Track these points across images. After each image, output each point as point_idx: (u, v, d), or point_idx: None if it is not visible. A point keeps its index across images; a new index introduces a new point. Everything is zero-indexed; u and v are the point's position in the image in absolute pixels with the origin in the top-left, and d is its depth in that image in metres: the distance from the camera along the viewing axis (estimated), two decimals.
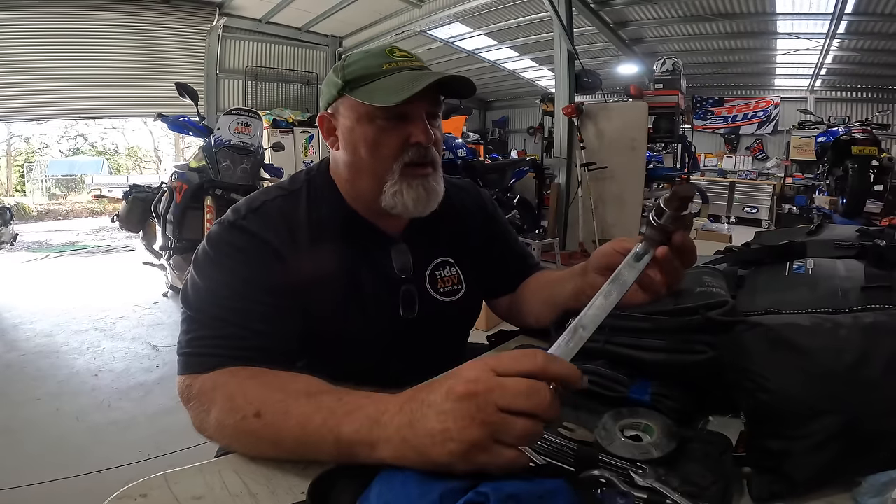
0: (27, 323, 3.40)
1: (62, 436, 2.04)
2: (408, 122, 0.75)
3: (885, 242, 0.75)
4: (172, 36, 6.73)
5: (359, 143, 0.76)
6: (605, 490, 0.47)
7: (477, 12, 6.59)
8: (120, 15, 6.25)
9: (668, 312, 0.68)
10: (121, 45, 6.37)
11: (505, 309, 1.02)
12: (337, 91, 0.77)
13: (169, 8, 6.52)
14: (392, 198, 0.77)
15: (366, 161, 0.77)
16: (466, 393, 0.43)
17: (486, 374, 0.43)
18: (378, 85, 0.73)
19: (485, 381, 0.43)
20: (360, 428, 0.48)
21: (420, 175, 0.77)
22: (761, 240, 0.99)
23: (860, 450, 0.48)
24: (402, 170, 0.76)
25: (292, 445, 0.53)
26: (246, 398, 0.57)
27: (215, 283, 0.71)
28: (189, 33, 6.84)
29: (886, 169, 5.44)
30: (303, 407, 0.53)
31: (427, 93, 0.72)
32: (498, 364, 0.44)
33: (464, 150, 4.85)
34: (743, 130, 9.44)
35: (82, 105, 6.63)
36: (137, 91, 6.69)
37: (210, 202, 3.19)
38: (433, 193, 0.79)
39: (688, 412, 0.62)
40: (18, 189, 13.82)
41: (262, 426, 0.54)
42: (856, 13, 5.46)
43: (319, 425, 0.51)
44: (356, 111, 0.76)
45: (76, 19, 6.05)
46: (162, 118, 3.79)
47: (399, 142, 0.75)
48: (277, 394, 0.57)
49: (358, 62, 0.76)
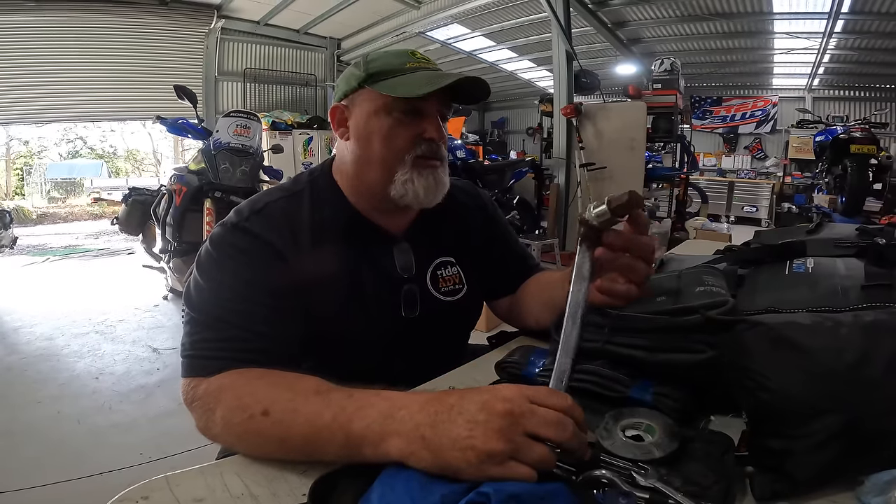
0: (27, 326, 3.40)
1: (63, 439, 2.04)
2: (422, 118, 0.78)
3: (885, 241, 0.75)
4: (171, 38, 6.73)
5: (373, 134, 0.78)
6: (606, 490, 0.47)
7: (475, 13, 6.60)
8: (118, 18, 6.26)
9: (669, 312, 0.68)
10: (119, 47, 6.38)
11: (505, 310, 1.02)
12: (357, 83, 0.79)
13: (167, 10, 6.53)
14: (403, 186, 0.79)
15: (377, 152, 0.79)
16: (504, 411, 0.45)
17: (522, 399, 0.47)
18: (401, 80, 0.76)
19: (520, 404, 0.46)
20: (371, 423, 0.49)
21: (430, 166, 0.80)
22: (761, 239, 0.99)
23: (862, 449, 0.48)
24: (413, 161, 0.79)
25: (300, 443, 0.53)
26: (254, 397, 0.58)
27: (218, 284, 0.71)
28: (187, 36, 6.85)
29: (885, 167, 5.44)
30: (312, 405, 0.54)
31: (443, 93, 0.76)
32: (535, 394, 0.48)
33: (463, 151, 4.85)
34: (741, 130, 9.45)
35: (81, 108, 6.63)
36: (136, 94, 6.70)
37: (209, 205, 3.19)
38: (441, 184, 0.82)
39: (689, 412, 0.61)
40: (18, 192, 13.81)
41: (270, 424, 0.55)
42: (852, 12, 5.47)
43: (329, 422, 0.51)
44: (375, 103, 0.78)
45: (75, 22, 6.05)
46: (161, 121, 3.79)
47: (412, 136, 0.78)
48: (286, 392, 0.57)
49: (381, 59, 0.79)
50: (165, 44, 6.70)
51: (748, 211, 8.28)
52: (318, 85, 8.38)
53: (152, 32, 6.54)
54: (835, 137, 5.30)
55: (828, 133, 5.60)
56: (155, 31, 6.56)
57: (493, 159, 7.33)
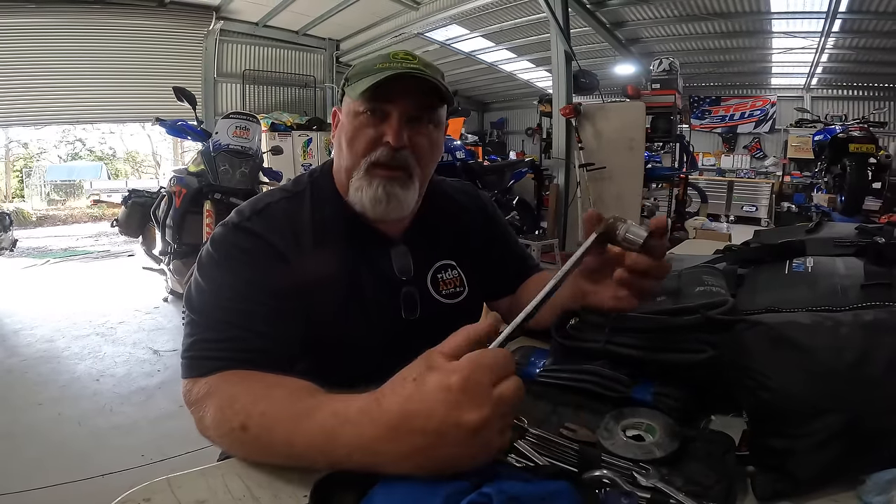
0: (28, 328, 3.40)
1: (64, 441, 2.04)
2: (386, 121, 0.75)
3: (885, 240, 0.75)
4: (170, 40, 6.73)
5: (342, 136, 0.79)
6: (608, 490, 0.47)
7: (474, 14, 6.61)
8: (117, 19, 6.25)
9: (669, 312, 0.68)
10: (118, 49, 6.38)
11: (505, 311, 1.01)
12: (341, 87, 0.81)
13: (166, 12, 6.53)
14: (355, 193, 0.78)
15: (344, 154, 0.79)
16: (462, 382, 0.43)
17: (462, 362, 0.44)
18: (363, 80, 0.74)
19: (465, 365, 0.44)
20: (351, 453, 0.46)
21: (382, 176, 0.76)
22: (761, 238, 0.99)
23: (863, 448, 0.48)
24: (367, 167, 0.76)
25: (283, 459, 0.52)
26: (233, 409, 0.56)
27: (218, 285, 0.71)
28: (186, 37, 6.84)
29: (884, 166, 5.45)
30: (286, 423, 0.51)
31: (411, 94, 0.74)
32: (447, 348, 0.46)
33: (462, 152, 4.85)
34: (740, 129, 9.46)
35: (80, 110, 6.63)
36: (135, 95, 6.69)
37: (209, 206, 3.18)
38: (394, 198, 0.77)
39: (690, 411, 0.61)
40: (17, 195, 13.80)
41: (251, 439, 0.54)
42: (850, 11, 5.48)
43: (307, 446, 0.49)
44: (348, 107, 0.79)
45: (73, 24, 6.05)
46: (160, 122, 3.78)
47: (371, 139, 0.76)
48: (261, 404, 0.55)
49: (364, 62, 0.79)
50: (164, 45, 6.70)
51: (747, 210, 8.28)
52: (318, 86, 8.38)
53: (151, 34, 6.54)
54: (833, 137, 5.30)
55: (826, 132, 5.60)
56: (154, 33, 6.55)
57: (493, 160, 7.33)
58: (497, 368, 0.44)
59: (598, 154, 4.94)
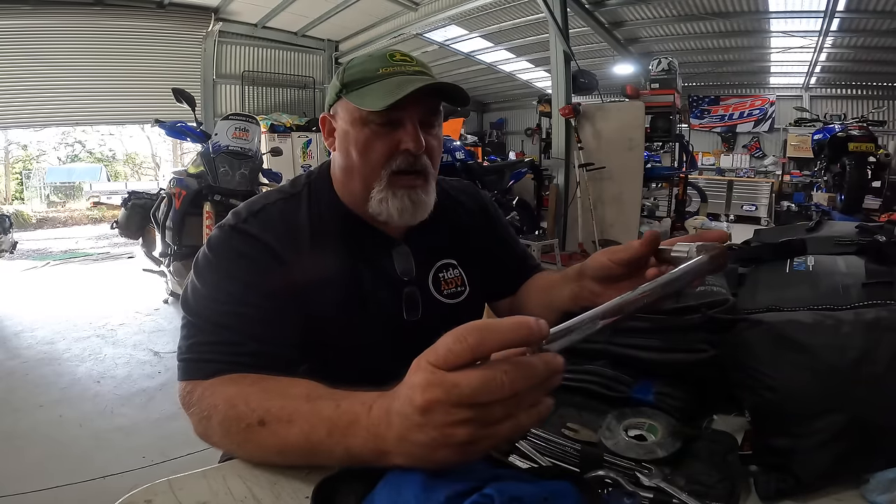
0: (28, 331, 3.40)
1: (65, 442, 2.04)
2: (400, 128, 0.74)
3: (885, 238, 0.75)
4: (169, 42, 6.74)
5: (351, 146, 0.77)
6: (610, 490, 0.47)
7: (473, 14, 6.61)
8: (116, 21, 6.26)
9: (670, 311, 0.68)
10: (117, 51, 6.38)
11: (506, 311, 1.01)
12: (335, 93, 0.78)
13: (165, 13, 6.53)
14: (378, 204, 0.77)
15: (357, 164, 0.77)
16: (426, 404, 0.40)
17: (436, 377, 0.39)
18: (371, 89, 0.73)
19: (437, 384, 0.39)
20: (364, 442, 0.47)
21: (406, 185, 0.76)
22: (761, 237, 0.99)
23: (866, 446, 0.48)
24: (389, 177, 0.76)
25: (298, 455, 0.52)
26: (248, 405, 0.56)
27: (215, 287, 0.70)
28: (185, 39, 6.85)
29: (883, 165, 5.45)
30: (305, 415, 0.52)
31: (421, 99, 0.72)
32: (437, 358, 0.40)
33: (462, 153, 4.85)
34: (739, 129, 9.46)
35: (79, 112, 6.64)
36: (134, 97, 6.71)
37: (209, 208, 3.19)
38: (419, 205, 0.78)
39: (691, 411, 0.61)
40: (17, 197, 13.80)
41: (267, 434, 0.54)
42: (847, 10, 5.48)
43: (324, 437, 0.50)
44: (351, 114, 0.76)
45: (72, 25, 6.06)
46: (159, 124, 3.78)
47: (388, 148, 0.75)
48: (278, 400, 0.56)
49: (358, 65, 0.77)
50: (163, 47, 6.70)
51: (747, 209, 8.28)
52: (317, 87, 8.38)
53: (150, 36, 6.54)
54: (833, 135, 5.31)
55: (826, 131, 5.60)
56: (153, 35, 6.56)
57: (492, 160, 7.34)
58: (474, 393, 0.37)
59: (597, 154, 4.93)
